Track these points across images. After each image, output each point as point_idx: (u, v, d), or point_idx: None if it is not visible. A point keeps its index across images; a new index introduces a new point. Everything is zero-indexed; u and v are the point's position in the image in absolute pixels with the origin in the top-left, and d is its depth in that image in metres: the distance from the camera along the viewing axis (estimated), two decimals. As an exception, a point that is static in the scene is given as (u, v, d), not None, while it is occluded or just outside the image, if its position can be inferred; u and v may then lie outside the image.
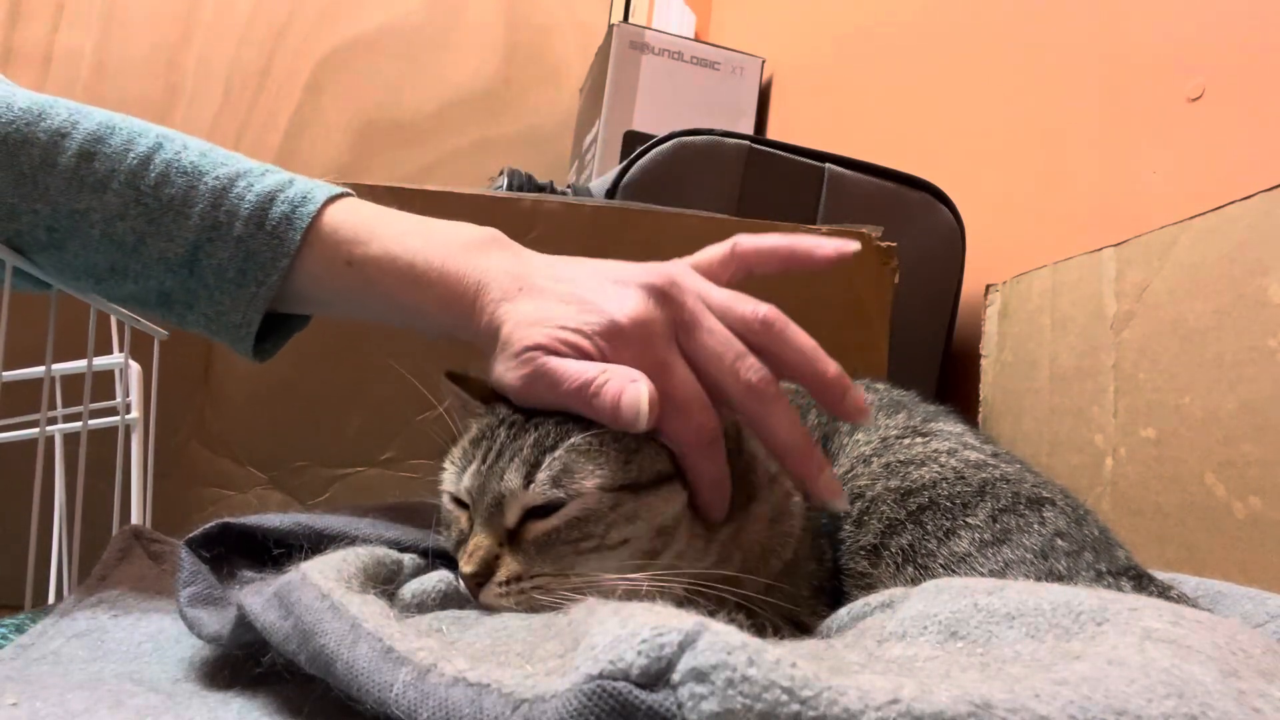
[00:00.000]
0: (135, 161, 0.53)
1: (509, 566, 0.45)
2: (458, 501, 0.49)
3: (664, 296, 0.47)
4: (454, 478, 0.49)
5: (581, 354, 0.46)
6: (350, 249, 0.53)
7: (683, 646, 0.24)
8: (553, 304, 0.48)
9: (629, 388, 0.43)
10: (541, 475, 0.45)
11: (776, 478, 0.53)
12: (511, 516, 0.46)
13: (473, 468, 0.48)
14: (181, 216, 0.53)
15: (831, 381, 0.50)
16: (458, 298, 0.50)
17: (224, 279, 0.53)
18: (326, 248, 0.53)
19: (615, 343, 0.46)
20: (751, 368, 0.47)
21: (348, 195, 0.56)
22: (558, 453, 0.46)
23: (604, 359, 0.46)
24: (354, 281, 0.53)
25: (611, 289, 0.48)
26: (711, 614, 0.27)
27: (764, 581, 0.50)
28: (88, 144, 0.52)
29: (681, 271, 0.51)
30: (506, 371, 0.48)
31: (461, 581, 0.46)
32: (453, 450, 0.51)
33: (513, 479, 0.46)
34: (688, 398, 0.46)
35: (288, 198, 0.53)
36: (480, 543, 0.46)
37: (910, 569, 0.50)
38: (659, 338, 0.47)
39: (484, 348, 0.51)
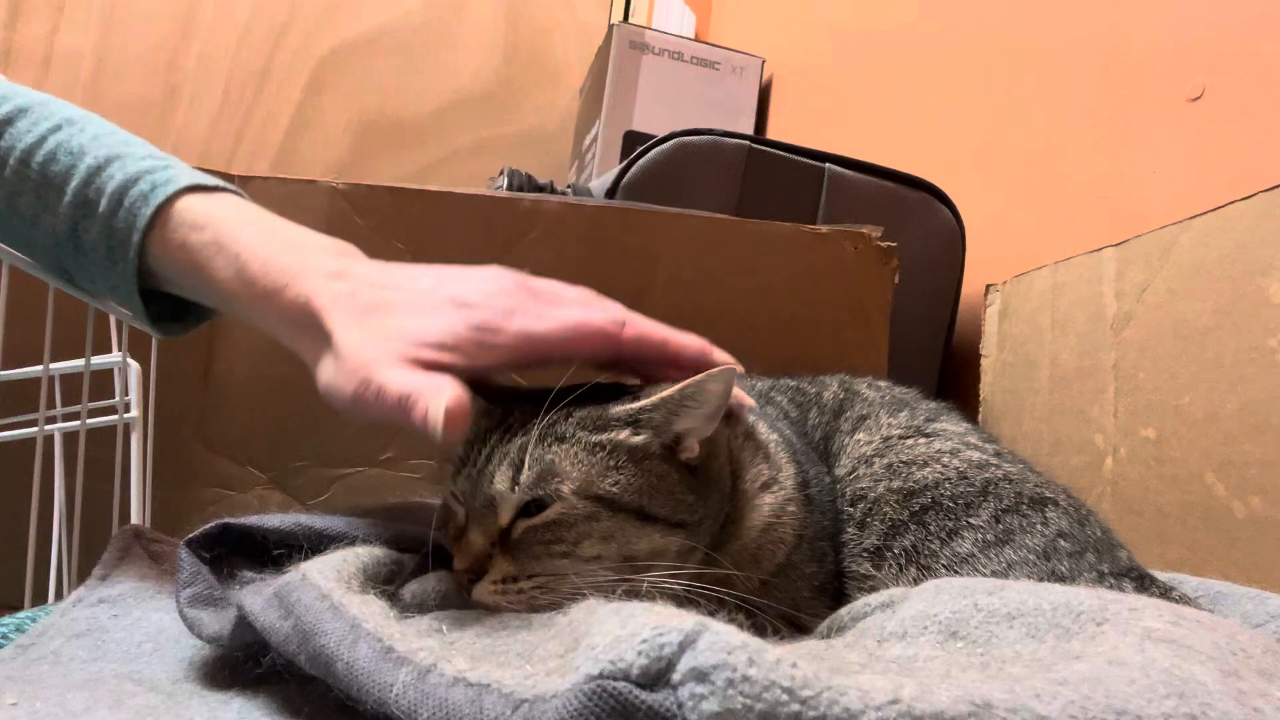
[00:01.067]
0: (32, 140, 0.56)
1: (501, 566, 0.46)
2: (456, 499, 0.50)
3: (525, 288, 0.50)
4: (450, 477, 0.50)
5: (426, 363, 0.45)
6: (186, 232, 0.53)
7: (683, 646, 0.24)
8: (412, 316, 0.47)
9: (432, 401, 0.42)
10: (524, 476, 0.46)
11: (769, 485, 0.53)
12: (504, 516, 0.47)
13: (466, 469, 0.49)
14: (60, 193, 0.55)
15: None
16: (282, 299, 0.49)
17: (98, 255, 0.55)
18: (168, 230, 0.54)
19: (501, 323, 0.47)
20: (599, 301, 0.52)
21: (227, 191, 0.57)
22: (542, 455, 0.46)
23: (480, 353, 0.47)
24: (186, 266, 0.53)
25: (479, 283, 0.50)
26: (711, 614, 0.27)
27: (758, 583, 0.50)
28: None
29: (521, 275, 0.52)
30: (338, 380, 0.46)
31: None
32: (456, 448, 0.51)
33: (500, 481, 0.46)
34: (576, 315, 0.49)
35: (153, 180, 0.54)
36: (472, 540, 0.47)
37: (913, 570, 0.50)
38: (533, 304, 0.49)
39: (287, 340, 0.51)
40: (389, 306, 0.48)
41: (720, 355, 0.52)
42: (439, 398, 0.42)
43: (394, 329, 0.46)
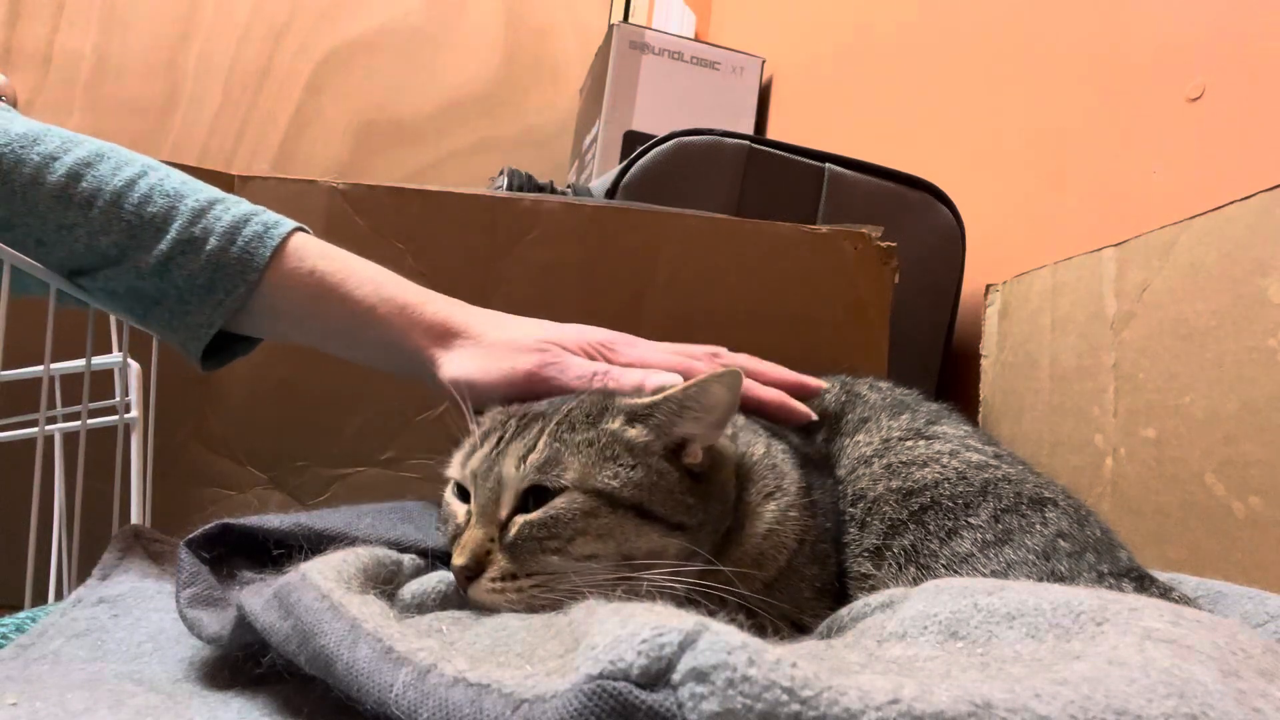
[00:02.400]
0: (121, 183, 0.59)
1: (500, 563, 0.46)
2: (460, 491, 0.50)
3: (594, 347, 0.61)
4: (460, 463, 0.51)
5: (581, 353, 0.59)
6: (315, 260, 0.61)
7: (683, 646, 0.24)
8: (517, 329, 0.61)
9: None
10: (531, 459, 0.47)
11: (773, 494, 0.53)
12: (505, 508, 0.47)
13: (481, 452, 0.49)
14: (161, 232, 0.59)
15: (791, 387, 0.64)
16: (412, 334, 0.60)
17: (194, 284, 0.60)
18: (292, 260, 0.61)
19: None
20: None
21: (308, 230, 0.64)
22: (553, 442, 0.47)
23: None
24: (317, 288, 0.61)
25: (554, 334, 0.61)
26: (712, 614, 0.27)
27: (760, 585, 0.51)
28: (77, 167, 0.58)
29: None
30: (508, 359, 0.58)
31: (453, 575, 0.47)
32: (464, 442, 0.52)
33: (509, 465, 0.47)
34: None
35: (261, 221, 0.61)
36: (474, 535, 0.47)
37: (912, 569, 0.50)
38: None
39: (416, 344, 0.60)
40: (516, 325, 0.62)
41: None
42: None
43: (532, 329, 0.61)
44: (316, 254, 0.61)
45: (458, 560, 0.46)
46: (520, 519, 0.47)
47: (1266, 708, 0.26)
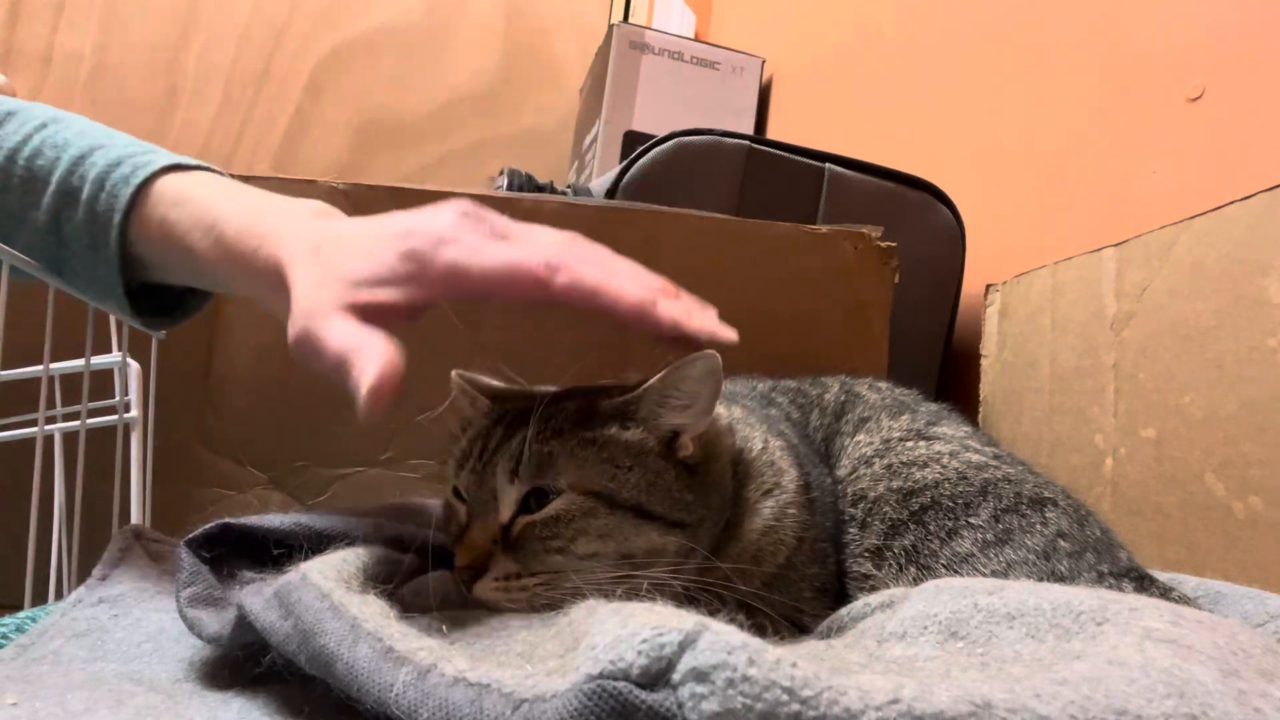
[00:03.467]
0: (18, 139, 0.57)
1: (502, 564, 0.46)
2: (458, 494, 0.50)
3: (467, 213, 0.48)
4: (454, 470, 0.51)
5: (361, 309, 0.45)
6: (166, 209, 0.54)
7: (683, 646, 0.24)
8: (357, 255, 0.47)
9: (365, 368, 0.42)
10: (523, 469, 0.46)
11: (771, 490, 0.53)
12: (505, 511, 0.47)
13: (469, 464, 0.49)
14: (45, 185, 0.56)
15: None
16: (257, 261, 0.49)
17: (80, 243, 0.56)
18: (149, 207, 0.54)
19: (434, 253, 0.46)
20: (551, 236, 0.49)
21: (206, 170, 0.58)
22: (543, 447, 0.47)
23: (414, 287, 0.45)
24: (167, 240, 0.54)
25: (424, 218, 0.48)
26: (712, 614, 0.27)
27: (760, 583, 0.51)
28: None
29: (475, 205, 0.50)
30: (289, 331, 0.46)
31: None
32: (459, 444, 0.52)
33: (501, 475, 0.47)
34: (514, 254, 0.46)
35: (134, 164, 0.55)
36: (474, 537, 0.47)
37: (913, 570, 0.50)
38: (474, 232, 0.47)
39: (267, 303, 0.50)
40: (338, 249, 0.47)
41: (667, 311, 0.46)
42: (371, 366, 0.42)
43: (335, 270, 0.45)
44: (170, 199, 0.54)
45: (461, 561, 0.46)
46: (523, 520, 0.47)
47: (1266, 708, 0.26)
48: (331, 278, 0.45)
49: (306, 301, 0.45)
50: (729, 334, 0.48)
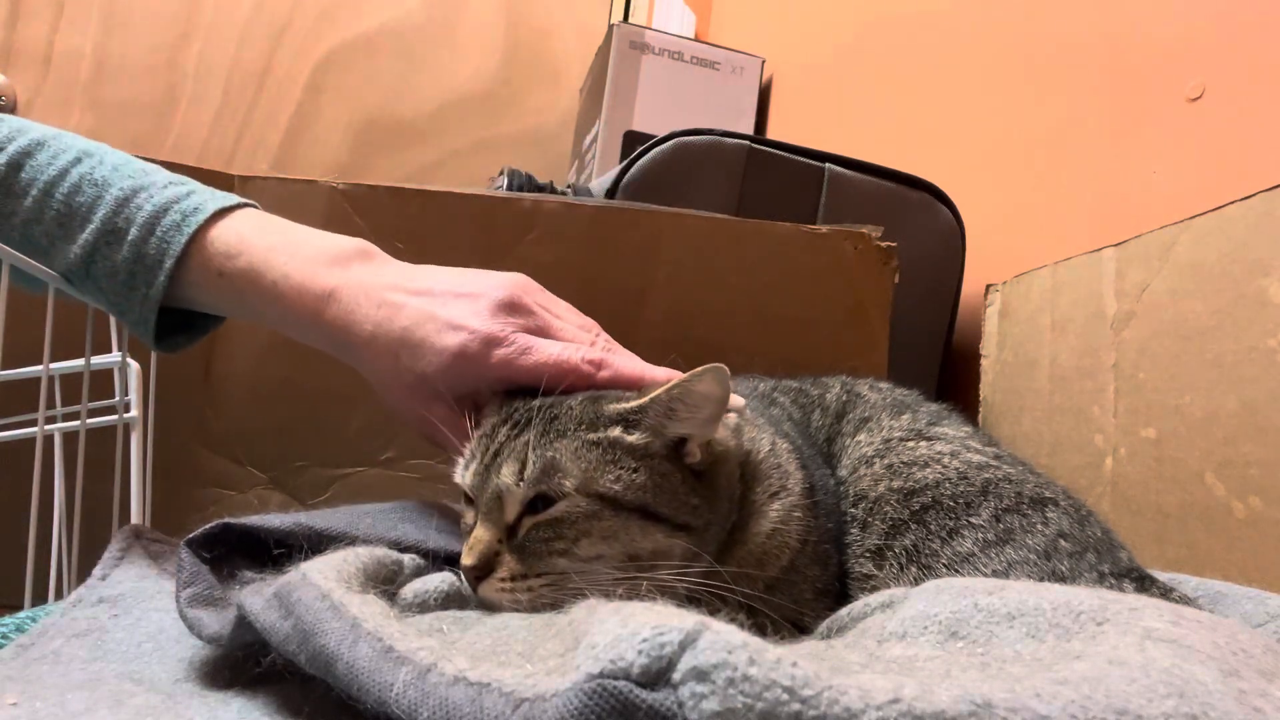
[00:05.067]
0: (54, 172, 0.58)
1: (509, 564, 0.46)
2: (466, 496, 0.50)
3: (514, 307, 0.55)
4: (460, 472, 0.51)
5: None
6: (221, 262, 0.57)
7: (683, 646, 0.24)
8: (412, 333, 0.54)
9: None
10: (529, 471, 0.46)
11: (777, 494, 0.53)
12: (510, 512, 0.47)
13: (475, 465, 0.49)
14: (86, 222, 0.58)
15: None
16: (310, 313, 0.56)
17: (115, 280, 0.58)
18: (204, 259, 0.58)
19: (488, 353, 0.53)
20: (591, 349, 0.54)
21: (246, 206, 0.61)
22: (547, 451, 0.47)
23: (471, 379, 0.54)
24: (227, 292, 0.58)
25: (466, 305, 0.55)
26: (713, 613, 0.27)
27: (762, 585, 0.51)
28: (18, 156, 0.58)
29: (525, 286, 0.58)
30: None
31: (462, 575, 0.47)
32: (466, 444, 0.52)
33: (507, 476, 0.47)
34: (553, 353, 0.53)
35: (181, 209, 0.58)
36: (480, 537, 0.47)
37: (914, 569, 0.50)
38: (517, 332, 0.54)
39: (335, 350, 0.57)
40: (403, 340, 0.55)
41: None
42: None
43: (405, 366, 0.54)
44: (224, 251, 0.57)
45: (467, 561, 0.46)
46: (528, 521, 0.47)
47: (1266, 707, 0.26)
48: (405, 371, 0.54)
49: (388, 395, 0.56)
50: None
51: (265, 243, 0.58)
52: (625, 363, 0.54)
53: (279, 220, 0.61)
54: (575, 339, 0.55)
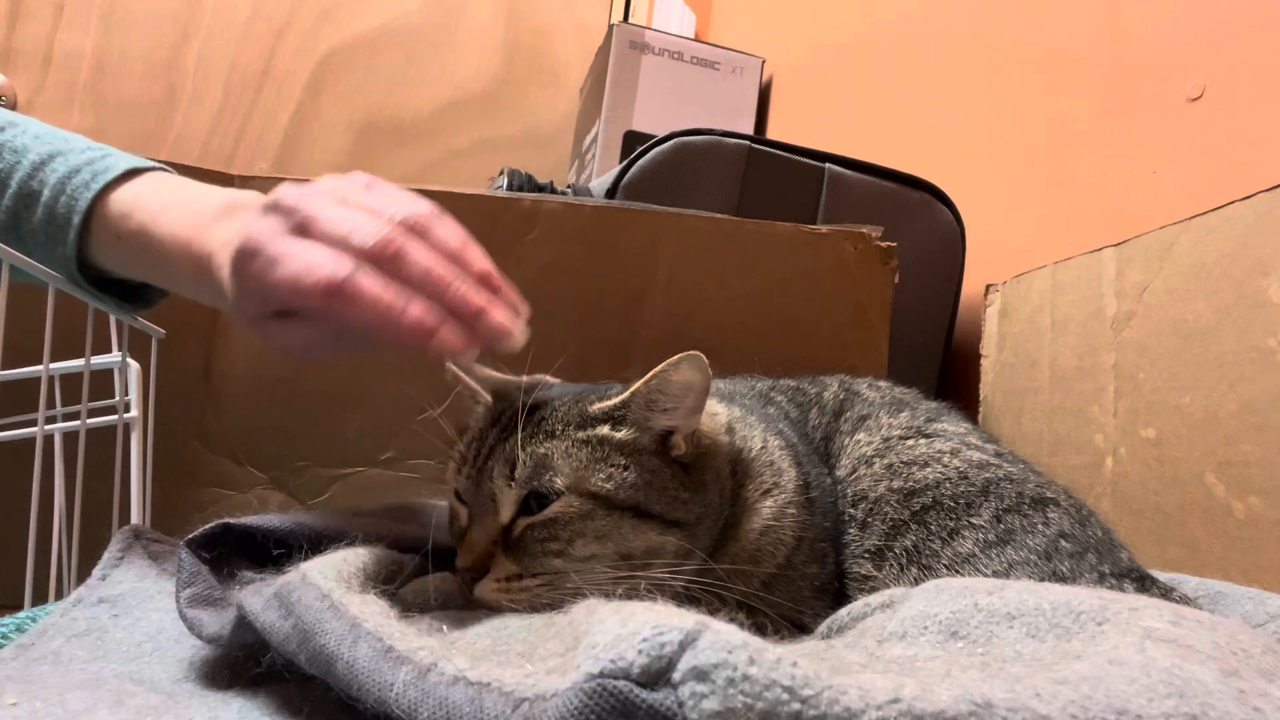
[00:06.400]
0: None
1: (504, 565, 0.46)
2: (459, 497, 0.50)
3: (276, 206, 0.46)
4: (452, 474, 0.51)
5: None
6: (118, 223, 0.57)
7: (683, 645, 0.24)
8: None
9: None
10: (519, 472, 0.46)
11: (770, 490, 0.53)
12: (505, 513, 0.47)
13: (466, 468, 0.49)
14: (4, 187, 0.59)
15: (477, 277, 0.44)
16: (198, 272, 0.52)
17: (37, 240, 0.59)
18: (104, 221, 0.57)
19: (245, 269, 0.46)
20: (365, 235, 0.43)
21: (158, 170, 0.60)
22: (538, 449, 0.47)
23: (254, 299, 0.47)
24: (126, 254, 0.58)
25: (246, 220, 0.48)
26: (713, 613, 0.27)
27: (759, 583, 0.51)
28: None
29: (312, 186, 0.48)
30: (235, 302, 0.48)
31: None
32: (457, 446, 0.52)
33: (498, 478, 0.47)
34: (293, 270, 0.44)
35: (93, 169, 0.58)
36: (474, 538, 0.47)
37: (914, 570, 0.50)
38: (271, 238, 0.45)
39: (223, 306, 0.52)
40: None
41: (445, 343, 0.42)
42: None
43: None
44: (120, 211, 0.56)
45: (463, 562, 0.46)
46: (523, 521, 0.47)
47: (1266, 707, 0.26)
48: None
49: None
50: (513, 336, 0.45)
51: (158, 203, 0.56)
52: (372, 290, 0.42)
53: (181, 181, 0.59)
54: (336, 235, 0.43)
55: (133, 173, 0.59)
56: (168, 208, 0.55)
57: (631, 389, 0.48)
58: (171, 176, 0.61)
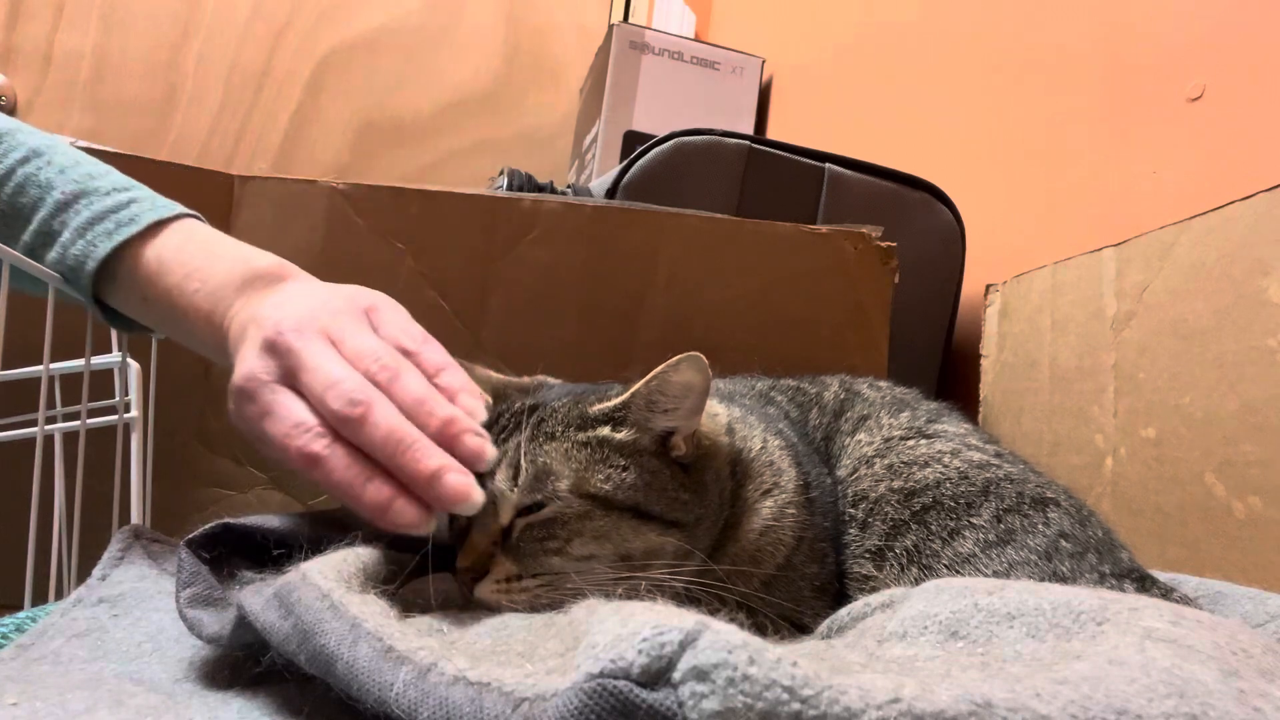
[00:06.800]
0: (2, 170, 0.59)
1: (503, 565, 0.46)
2: None
3: (273, 348, 0.49)
4: None
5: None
6: (145, 286, 0.58)
7: (683, 645, 0.24)
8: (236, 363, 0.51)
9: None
10: (522, 477, 0.46)
11: (770, 490, 0.53)
12: (505, 516, 0.47)
13: None
14: (26, 224, 0.59)
15: (434, 432, 0.46)
16: (218, 344, 0.55)
17: (53, 279, 0.59)
18: (130, 280, 0.58)
19: (243, 407, 0.49)
20: (338, 396, 0.46)
21: (184, 218, 0.61)
22: (539, 455, 0.47)
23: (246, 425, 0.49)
24: (150, 315, 0.59)
25: (250, 346, 0.50)
26: (713, 613, 0.27)
27: (759, 583, 0.51)
28: None
29: (310, 317, 0.50)
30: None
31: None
32: None
33: (500, 481, 0.47)
34: (280, 431, 0.47)
35: (116, 220, 0.59)
36: (475, 540, 0.47)
37: (915, 570, 0.50)
38: (264, 386, 0.48)
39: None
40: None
41: (397, 520, 0.44)
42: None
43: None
44: (146, 274, 0.57)
45: (462, 563, 0.46)
46: (521, 522, 0.47)
47: (1266, 707, 0.26)
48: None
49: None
50: (469, 501, 0.45)
51: (182, 269, 0.57)
52: (340, 468, 0.45)
53: (203, 238, 0.60)
54: (314, 397, 0.46)
55: (157, 226, 0.59)
56: (191, 275, 0.57)
57: (631, 390, 0.48)
58: (196, 229, 0.60)
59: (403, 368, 0.48)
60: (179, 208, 0.61)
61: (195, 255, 0.58)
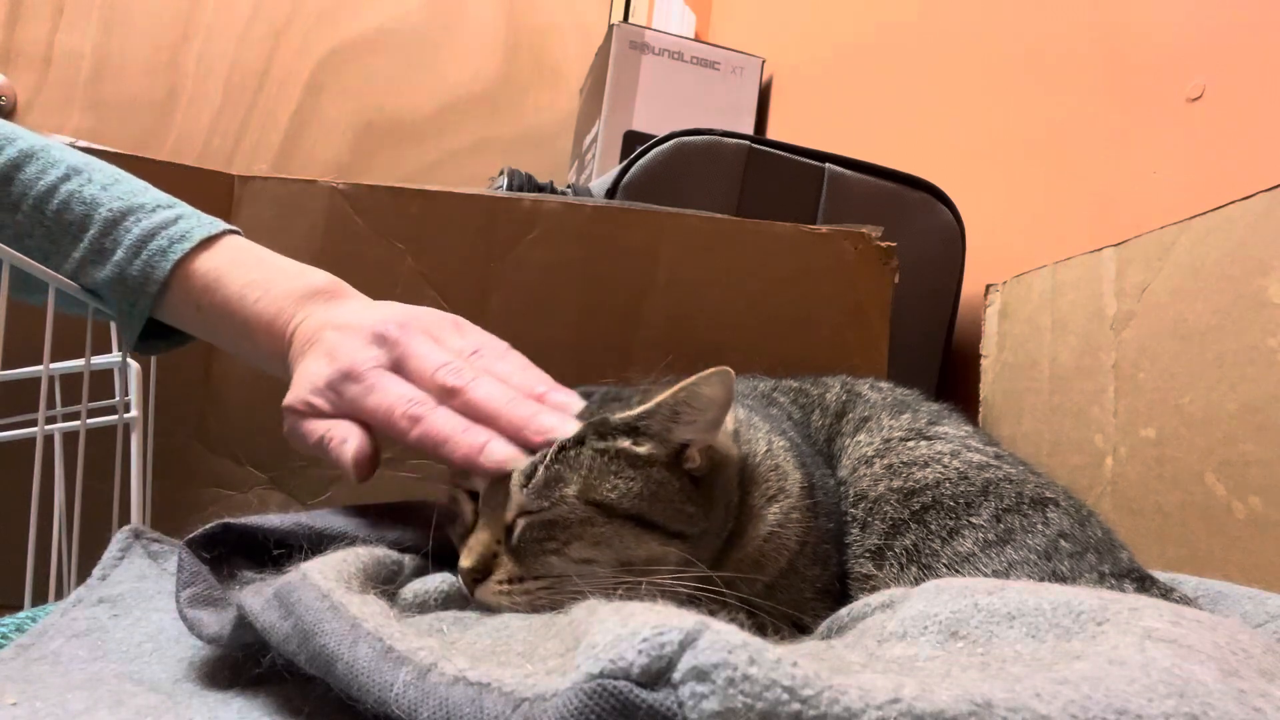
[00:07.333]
0: (44, 188, 0.60)
1: (507, 566, 0.46)
2: (469, 492, 0.50)
3: (383, 339, 0.54)
4: (462, 472, 0.50)
5: (317, 411, 0.54)
6: (199, 296, 0.60)
7: (684, 645, 0.24)
8: (312, 362, 0.55)
9: (343, 449, 0.52)
10: (534, 482, 0.46)
11: (775, 496, 0.53)
12: (510, 514, 0.47)
13: None
14: (75, 241, 0.60)
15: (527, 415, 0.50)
16: (277, 351, 0.59)
17: (101, 297, 0.61)
18: (183, 291, 0.60)
19: (343, 387, 0.53)
20: (449, 372, 0.51)
21: (230, 234, 0.63)
22: (552, 461, 0.47)
23: (338, 407, 0.53)
24: (204, 324, 0.61)
25: (349, 339, 0.55)
26: (713, 614, 0.27)
27: (761, 586, 0.50)
28: (7, 168, 0.60)
29: (412, 318, 0.56)
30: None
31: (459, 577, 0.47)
32: None
33: (514, 485, 0.47)
34: (385, 403, 0.51)
35: (169, 234, 0.60)
36: (480, 539, 0.47)
37: (914, 569, 0.50)
38: (372, 370, 0.53)
39: (280, 375, 0.59)
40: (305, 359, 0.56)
41: (492, 458, 0.48)
42: (345, 447, 0.51)
43: (301, 373, 0.55)
44: (202, 285, 0.60)
45: (465, 563, 0.46)
46: (523, 521, 0.47)
47: (1267, 707, 0.26)
48: (300, 380, 0.55)
49: (289, 394, 0.56)
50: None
51: (241, 279, 0.60)
52: (441, 426, 0.49)
53: (256, 253, 0.62)
54: (422, 377, 0.52)
55: (208, 241, 0.61)
56: (251, 285, 0.60)
57: (657, 400, 0.48)
58: (242, 244, 0.63)
59: (499, 359, 0.55)
60: (224, 224, 0.63)
61: (252, 269, 0.61)
